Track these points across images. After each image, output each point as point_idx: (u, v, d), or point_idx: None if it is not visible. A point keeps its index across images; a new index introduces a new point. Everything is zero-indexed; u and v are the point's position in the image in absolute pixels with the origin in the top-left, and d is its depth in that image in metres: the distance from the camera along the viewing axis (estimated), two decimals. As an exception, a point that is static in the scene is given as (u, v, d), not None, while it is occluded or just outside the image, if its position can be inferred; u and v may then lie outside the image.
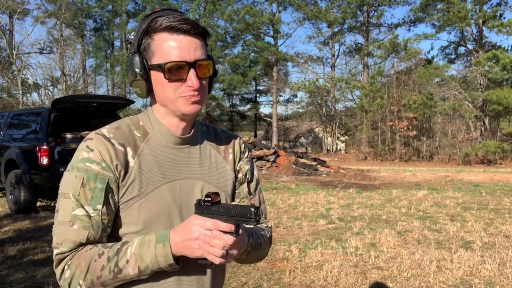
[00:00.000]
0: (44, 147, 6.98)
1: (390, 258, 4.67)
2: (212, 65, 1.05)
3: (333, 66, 34.09)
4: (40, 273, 4.14)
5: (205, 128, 1.19)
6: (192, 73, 0.99)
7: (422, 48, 52.18)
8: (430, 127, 26.77)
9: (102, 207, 0.98)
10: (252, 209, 0.90)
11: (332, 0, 31.57)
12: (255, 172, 1.25)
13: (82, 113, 8.21)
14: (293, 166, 15.02)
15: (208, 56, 1.06)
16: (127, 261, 0.94)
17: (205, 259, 0.95)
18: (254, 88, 38.37)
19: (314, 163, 15.79)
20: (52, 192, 8.93)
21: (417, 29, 38.42)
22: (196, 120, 1.15)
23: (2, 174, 7.83)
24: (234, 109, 38.12)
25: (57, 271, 0.99)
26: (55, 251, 0.98)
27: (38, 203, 8.01)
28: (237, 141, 1.22)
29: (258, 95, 39.01)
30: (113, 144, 1.01)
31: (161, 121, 1.07)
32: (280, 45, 33.87)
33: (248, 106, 39.32)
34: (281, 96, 38.36)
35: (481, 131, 25.61)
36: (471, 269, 4.28)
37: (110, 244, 0.98)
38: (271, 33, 32.64)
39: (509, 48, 36.19)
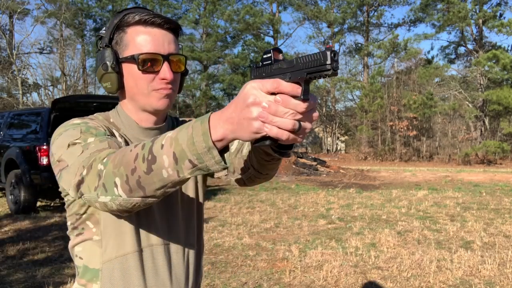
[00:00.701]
0: (44, 147, 6.99)
1: (390, 258, 4.67)
2: (184, 62, 1.05)
3: (333, 66, 34.06)
4: (40, 273, 4.14)
5: (176, 123, 1.19)
6: (165, 65, 0.99)
7: (422, 48, 52.19)
8: (430, 127, 26.78)
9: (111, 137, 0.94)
10: (328, 52, 0.64)
11: (332, 0, 31.59)
12: None
13: (82, 113, 8.18)
14: (293, 166, 15.02)
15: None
16: (162, 146, 0.75)
17: (266, 138, 0.71)
18: (254, 88, 38.38)
19: (314, 163, 15.79)
20: (52, 192, 8.93)
21: (417, 29, 38.45)
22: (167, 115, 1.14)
23: (2, 174, 7.84)
24: (234, 109, 38.07)
25: (90, 180, 0.82)
26: (83, 173, 0.84)
27: (38, 203, 8.01)
28: None
29: (258, 95, 38.99)
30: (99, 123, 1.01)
31: (132, 117, 1.06)
32: (280, 45, 33.85)
33: (248, 106, 39.31)
34: (281, 96, 38.35)
35: (481, 131, 25.62)
36: (471, 269, 4.28)
37: None
38: (271, 33, 32.68)
39: (509, 48, 36.22)
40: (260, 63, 0.76)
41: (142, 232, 1.02)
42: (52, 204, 8.43)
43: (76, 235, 1.03)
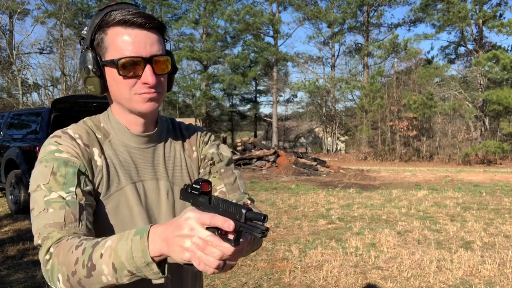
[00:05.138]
0: (44, 147, 6.98)
1: (390, 258, 4.67)
2: (171, 61, 1.01)
3: (333, 66, 34.09)
4: (40, 273, 4.14)
5: (171, 126, 1.14)
6: (148, 69, 0.95)
7: (422, 48, 52.21)
8: (430, 127, 26.76)
9: (76, 188, 0.93)
10: (244, 211, 0.71)
11: (332, 0, 31.58)
12: (226, 153, 1.16)
13: (82, 113, 8.19)
14: (293, 166, 15.02)
15: (167, 52, 1.01)
16: (101, 255, 0.79)
17: (192, 264, 0.78)
18: (254, 88, 38.37)
19: (314, 163, 15.79)
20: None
21: (417, 29, 38.42)
22: (160, 116, 1.11)
23: (2, 174, 7.84)
24: (234, 109, 38.10)
25: (43, 262, 0.90)
26: (38, 241, 0.92)
27: (38, 203, 8.00)
28: (199, 135, 1.16)
29: (258, 95, 39.00)
30: (78, 144, 0.99)
31: (120, 120, 1.03)
32: (280, 45, 33.90)
33: (248, 106, 39.32)
34: (281, 96, 38.37)
35: (481, 131, 25.61)
36: (471, 269, 4.28)
37: (92, 237, 0.91)
38: (271, 33, 32.64)
39: (509, 48, 36.24)
40: (189, 189, 0.83)
41: None
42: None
43: None
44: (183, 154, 1.12)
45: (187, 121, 1.19)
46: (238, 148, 17.41)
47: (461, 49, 31.27)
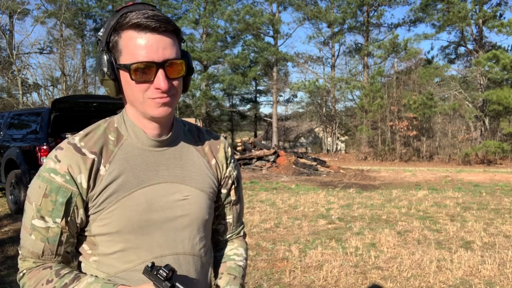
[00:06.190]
0: (44, 147, 6.99)
1: (390, 258, 4.67)
2: (186, 64, 0.99)
3: (333, 66, 34.10)
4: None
5: (188, 128, 1.14)
6: (160, 73, 0.94)
7: (422, 48, 52.24)
8: (430, 127, 26.76)
9: (61, 220, 0.96)
10: None
11: (332, 0, 31.57)
12: (239, 175, 1.23)
13: (82, 113, 8.21)
14: (293, 166, 15.02)
15: (183, 53, 1.01)
16: None
17: None
18: (254, 88, 38.38)
19: (314, 163, 15.79)
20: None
21: (417, 29, 38.44)
22: (176, 118, 1.11)
23: (2, 174, 7.84)
24: (234, 109, 38.11)
25: (19, 272, 1.01)
26: (20, 252, 1.03)
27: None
28: (222, 145, 1.17)
29: (258, 95, 39.01)
30: (83, 154, 0.98)
31: (135, 122, 1.03)
32: (280, 45, 33.87)
33: (248, 106, 39.35)
34: (281, 96, 38.38)
35: (481, 131, 25.61)
36: (471, 269, 4.28)
37: (64, 271, 0.98)
38: (271, 33, 32.66)
39: (509, 48, 36.23)
40: (155, 271, 0.91)
41: (146, 248, 1.02)
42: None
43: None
44: (200, 158, 1.12)
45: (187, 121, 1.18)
46: (238, 148, 17.42)
47: (461, 49, 31.31)
